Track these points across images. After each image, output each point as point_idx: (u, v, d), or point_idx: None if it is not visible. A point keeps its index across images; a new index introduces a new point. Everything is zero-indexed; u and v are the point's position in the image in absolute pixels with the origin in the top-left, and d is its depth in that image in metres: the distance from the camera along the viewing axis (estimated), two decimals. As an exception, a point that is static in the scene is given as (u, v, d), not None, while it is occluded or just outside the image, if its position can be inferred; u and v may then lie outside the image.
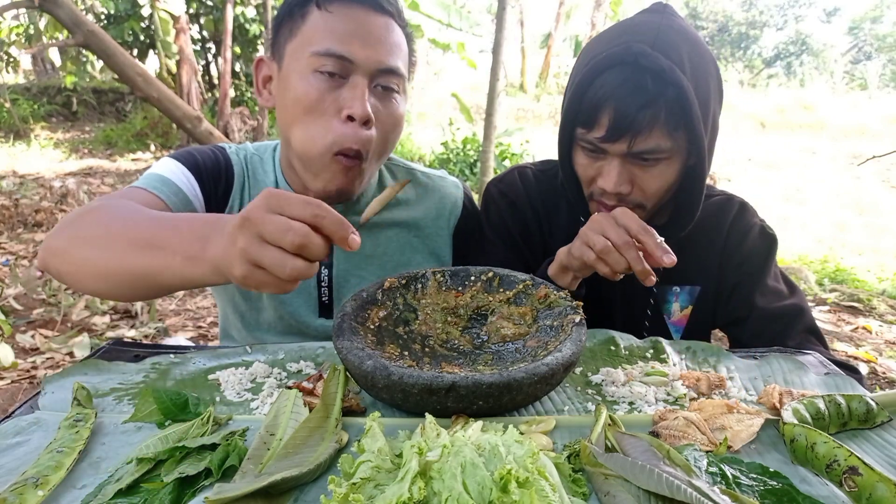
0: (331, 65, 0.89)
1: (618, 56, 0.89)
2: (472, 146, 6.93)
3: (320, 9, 0.91)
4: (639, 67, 0.88)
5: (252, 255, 0.59)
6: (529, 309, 0.84)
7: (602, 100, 0.90)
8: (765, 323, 1.02)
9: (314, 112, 0.91)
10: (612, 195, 0.95)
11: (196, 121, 6.07)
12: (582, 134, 0.95)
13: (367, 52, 0.90)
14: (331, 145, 0.91)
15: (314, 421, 0.63)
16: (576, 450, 0.59)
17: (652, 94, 0.87)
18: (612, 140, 0.91)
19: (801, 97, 12.12)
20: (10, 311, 3.06)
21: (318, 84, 0.90)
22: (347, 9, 0.91)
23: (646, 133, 0.89)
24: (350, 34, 0.90)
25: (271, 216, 0.59)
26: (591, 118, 0.92)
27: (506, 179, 1.17)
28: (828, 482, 0.55)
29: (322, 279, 1.08)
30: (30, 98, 9.80)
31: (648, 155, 0.91)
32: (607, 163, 0.94)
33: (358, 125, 0.90)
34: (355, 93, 0.89)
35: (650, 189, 0.95)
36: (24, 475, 0.55)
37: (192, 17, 8.93)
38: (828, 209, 6.22)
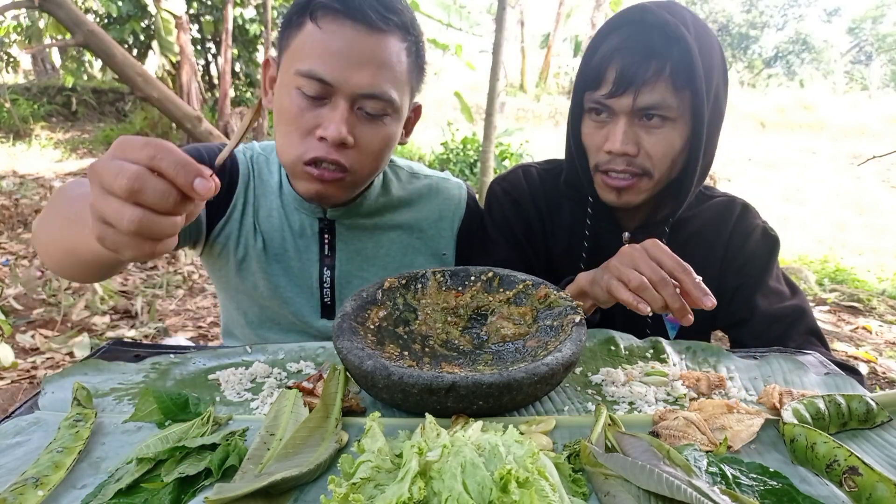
0: (312, 87, 0.87)
1: (623, 17, 0.94)
2: (472, 146, 6.93)
3: (313, 22, 0.88)
4: (644, 24, 0.91)
5: (97, 209, 0.53)
6: (529, 309, 0.84)
7: (608, 56, 0.92)
8: (766, 324, 1.02)
9: (292, 125, 0.91)
10: (619, 158, 0.95)
11: (196, 121, 6.07)
12: (589, 97, 0.97)
13: (349, 76, 0.87)
14: (301, 156, 0.91)
15: (314, 421, 0.63)
16: (576, 450, 0.59)
17: (657, 48, 0.90)
18: (619, 93, 0.92)
19: (801, 97, 12.12)
20: (10, 311, 3.06)
21: (299, 101, 0.89)
22: (339, 27, 0.87)
23: (650, 85, 0.90)
24: (335, 55, 0.86)
25: (111, 163, 0.53)
26: (598, 77, 0.94)
27: (509, 178, 1.17)
28: (828, 482, 0.55)
29: (324, 280, 1.08)
30: (30, 98, 9.80)
31: (654, 112, 0.92)
32: (614, 124, 0.95)
33: (330, 146, 0.89)
34: (333, 115, 0.88)
35: (656, 153, 0.95)
36: (24, 475, 0.55)
37: (192, 17, 8.92)
38: (828, 209, 6.23)
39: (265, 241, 1.06)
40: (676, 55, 0.90)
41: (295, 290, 1.09)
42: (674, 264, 0.76)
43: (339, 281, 1.09)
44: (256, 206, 1.07)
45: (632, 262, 0.79)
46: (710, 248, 1.09)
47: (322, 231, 1.07)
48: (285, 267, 1.08)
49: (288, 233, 1.07)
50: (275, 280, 1.08)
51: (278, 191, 1.07)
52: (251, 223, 1.06)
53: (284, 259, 1.07)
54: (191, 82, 7.69)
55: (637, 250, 0.80)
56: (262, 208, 1.07)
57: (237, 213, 1.06)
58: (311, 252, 1.08)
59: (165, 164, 0.52)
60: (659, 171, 0.97)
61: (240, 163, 1.07)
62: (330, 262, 1.08)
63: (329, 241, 1.08)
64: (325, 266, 1.08)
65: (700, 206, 1.10)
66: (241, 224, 1.06)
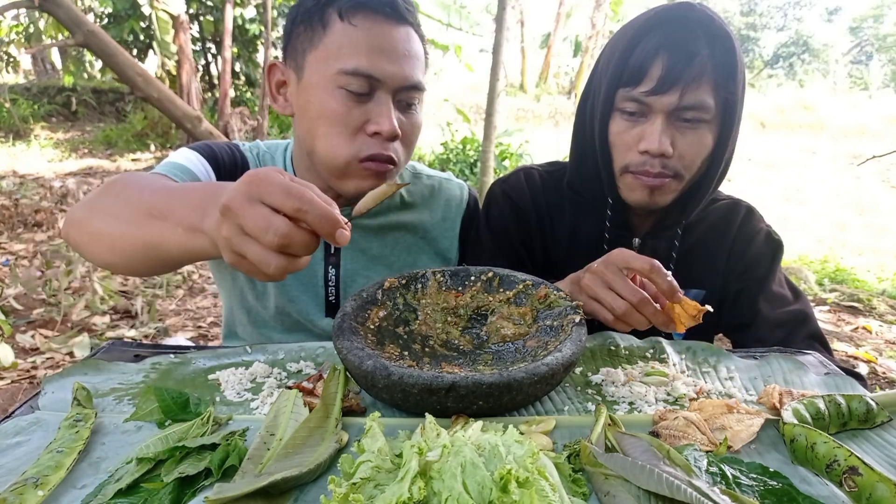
0: (357, 84, 0.88)
1: (665, 12, 0.91)
2: (472, 146, 6.93)
3: (343, 21, 0.88)
4: (689, 21, 0.90)
5: (235, 247, 0.57)
6: (529, 309, 0.84)
7: (652, 52, 0.90)
8: (769, 329, 1.02)
9: (339, 126, 0.91)
10: (655, 160, 0.93)
11: (196, 121, 6.07)
12: (625, 94, 0.94)
13: (392, 70, 0.89)
14: (355, 154, 0.92)
15: (314, 421, 0.63)
16: (576, 450, 0.59)
17: (703, 45, 0.89)
18: (664, 90, 0.90)
19: (801, 97, 12.12)
20: (10, 311, 3.06)
21: (344, 100, 0.89)
22: (372, 22, 0.89)
23: (695, 84, 0.89)
24: (376, 50, 0.88)
25: (252, 208, 0.55)
26: (640, 73, 0.91)
27: (510, 180, 1.17)
28: (828, 482, 0.55)
29: (329, 278, 1.09)
30: (30, 98, 9.80)
31: (692, 113, 0.91)
32: (650, 123, 0.93)
33: (383, 139, 0.91)
34: (382, 110, 0.90)
35: (689, 154, 0.93)
36: (24, 475, 0.55)
37: (192, 17, 8.93)
38: (828, 209, 6.23)
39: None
40: (720, 55, 0.89)
41: (300, 289, 1.09)
42: (642, 264, 0.77)
43: (345, 280, 1.09)
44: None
45: (606, 282, 0.80)
46: (715, 251, 1.08)
47: None
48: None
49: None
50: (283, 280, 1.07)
51: None
52: None
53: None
54: (191, 82, 7.69)
55: (608, 267, 0.80)
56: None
57: None
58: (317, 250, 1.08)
59: (311, 218, 0.55)
60: (689, 174, 0.96)
61: (249, 161, 1.07)
62: (335, 260, 1.08)
63: None
64: (331, 264, 1.08)
65: (706, 210, 1.10)
66: None
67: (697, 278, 1.07)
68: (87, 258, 0.81)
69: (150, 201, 0.71)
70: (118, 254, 0.74)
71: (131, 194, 0.76)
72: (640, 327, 0.79)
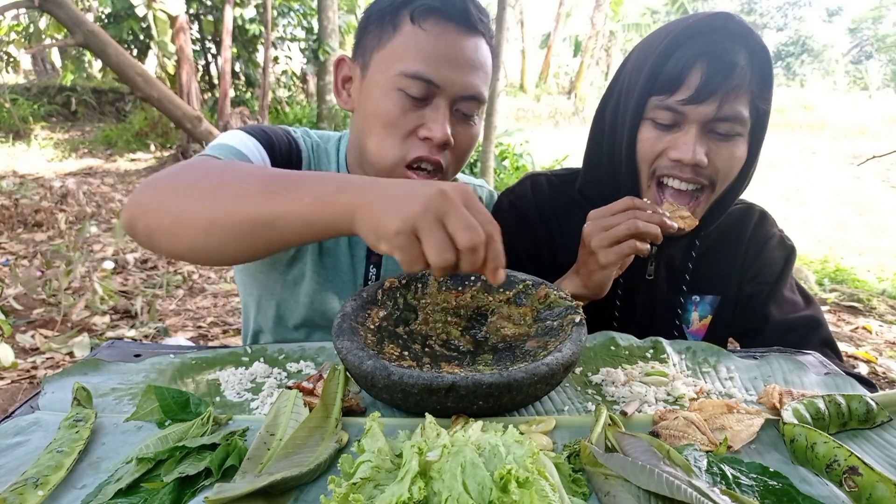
0: (417, 88, 0.88)
1: (703, 22, 0.90)
2: (472, 146, 6.92)
3: (414, 24, 0.88)
4: (728, 33, 0.89)
5: (422, 223, 0.60)
6: (529, 309, 0.84)
7: (691, 61, 0.88)
8: (779, 334, 1.01)
9: (392, 127, 0.90)
10: (687, 167, 0.91)
11: (196, 121, 6.07)
12: (658, 102, 0.92)
13: (454, 78, 0.89)
14: (403, 157, 0.91)
15: (314, 421, 0.63)
16: (576, 450, 0.59)
17: (743, 57, 0.88)
18: (701, 100, 0.88)
19: (801, 97, 12.12)
20: (10, 311, 3.06)
21: (401, 102, 0.89)
22: (442, 28, 0.88)
23: (733, 95, 0.88)
24: (441, 57, 0.88)
25: (465, 210, 0.61)
26: (676, 81, 0.89)
27: (517, 190, 1.15)
28: (828, 482, 0.55)
29: (370, 277, 1.09)
30: (30, 98, 9.80)
31: (726, 123, 0.89)
32: (683, 132, 0.91)
33: (433, 146, 0.91)
34: (436, 115, 0.89)
35: (723, 165, 0.92)
36: (24, 475, 0.55)
37: (192, 17, 8.93)
38: (828, 209, 6.23)
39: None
40: (758, 68, 0.89)
41: (341, 286, 1.08)
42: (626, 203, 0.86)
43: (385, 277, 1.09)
44: None
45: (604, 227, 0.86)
46: (730, 256, 1.07)
47: None
48: (335, 262, 1.07)
49: None
50: (324, 275, 1.07)
51: None
52: None
53: (336, 254, 1.07)
54: (191, 82, 7.69)
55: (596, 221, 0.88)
56: None
57: None
58: (360, 248, 1.08)
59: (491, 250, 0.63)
60: (722, 184, 0.94)
61: (302, 148, 1.04)
62: (377, 259, 1.09)
63: None
64: (372, 263, 1.08)
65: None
66: None
67: (713, 284, 1.07)
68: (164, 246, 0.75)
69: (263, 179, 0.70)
70: (217, 235, 0.70)
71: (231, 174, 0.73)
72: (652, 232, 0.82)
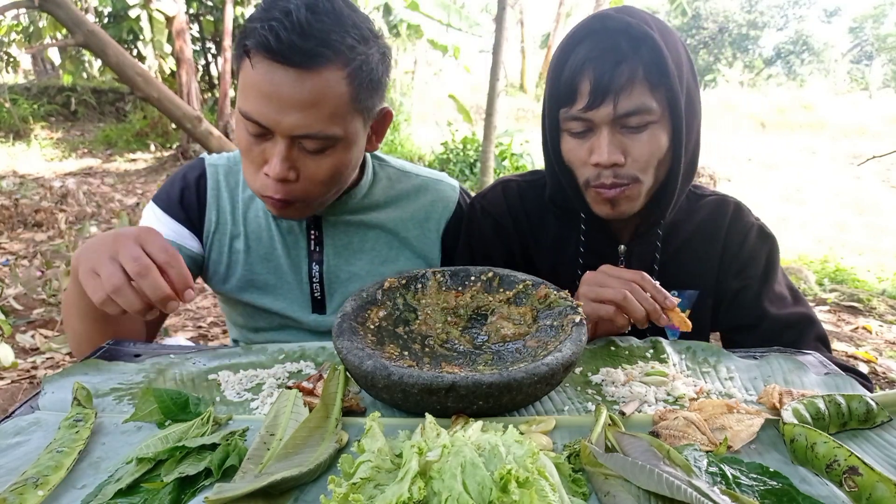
0: (252, 127, 0.88)
1: (585, 28, 0.92)
2: (472, 146, 6.93)
3: (249, 60, 0.85)
4: (607, 31, 0.90)
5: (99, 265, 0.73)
6: (529, 309, 0.84)
7: (578, 70, 0.90)
8: (777, 331, 1.00)
9: (246, 157, 0.93)
10: (608, 171, 0.93)
11: (196, 121, 6.07)
12: (565, 114, 0.94)
13: (280, 119, 0.85)
14: (256, 190, 0.94)
15: (314, 421, 0.63)
16: (576, 450, 0.59)
17: (626, 51, 0.89)
18: (597, 105, 0.89)
19: (801, 97, 12.12)
20: (10, 311, 3.06)
21: (247, 137, 0.90)
22: (268, 67, 0.84)
23: (627, 90, 0.88)
24: (267, 99, 0.85)
25: (134, 246, 0.73)
26: (572, 92, 0.91)
27: (489, 196, 1.15)
28: (828, 482, 0.55)
29: (313, 275, 1.10)
30: (30, 98, 9.80)
31: (635, 117, 0.90)
32: (596, 136, 0.92)
33: (275, 182, 0.90)
34: (274, 152, 0.89)
35: (642, 156, 0.93)
36: (24, 475, 0.55)
37: (192, 17, 8.93)
38: (828, 209, 6.23)
39: (250, 243, 1.10)
40: (646, 55, 0.89)
41: (285, 288, 1.11)
42: (633, 275, 0.85)
43: (328, 275, 1.10)
44: (238, 213, 1.10)
45: (600, 283, 0.86)
46: (706, 251, 1.07)
47: (309, 227, 1.09)
48: (275, 265, 1.10)
49: (276, 231, 1.09)
50: (264, 279, 1.10)
51: None
52: (228, 231, 1.09)
53: (273, 258, 1.10)
54: (190, 82, 7.68)
55: (598, 274, 0.88)
56: (251, 210, 1.10)
57: (212, 228, 1.09)
58: (299, 248, 1.10)
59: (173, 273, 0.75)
60: (648, 176, 0.95)
61: (209, 175, 1.10)
62: (318, 256, 1.10)
63: (316, 236, 1.10)
64: (314, 261, 1.10)
65: (691, 208, 1.09)
66: (219, 237, 1.10)
67: (689, 279, 1.07)
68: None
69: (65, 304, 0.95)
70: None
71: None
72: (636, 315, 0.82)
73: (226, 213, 1.09)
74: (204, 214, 1.08)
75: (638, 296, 0.82)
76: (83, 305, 0.88)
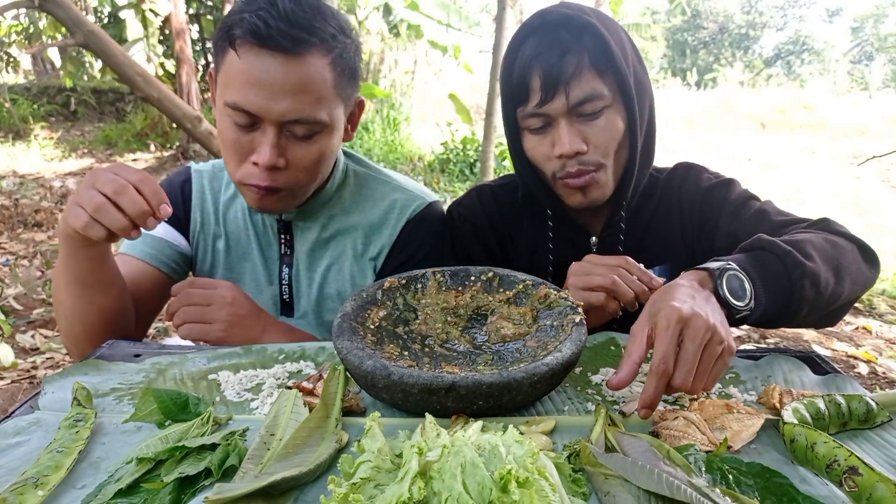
0: (240, 118, 0.90)
1: (527, 26, 0.94)
2: (472, 146, 6.93)
3: (235, 50, 0.88)
4: (548, 26, 0.92)
5: (80, 197, 0.77)
6: (529, 309, 0.84)
7: (527, 67, 0.92)
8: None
9: (230, 150, 0.94)
10: (572, 160, 0.94)
11: (196, 121, 6.07)
12: (522, 113, 0.96)
13: (270, 106, 0.88)
14: (240, 180, 0.96)
15: (314, 421, 0.63)
16: (576, 450, 0.59)
17: (569, 42, 0.90)
18: (550, 98, 0.91)
19: (801, 97, 12.11)
20: (10, 311, 3.06)
21: (233, 128, 0.92)
22: (255, 55, 0.86)
23: (576, 79, 0.90)
24: (256, 87, 0.87)
25: (109, 173, 0.78)
26: (524, 89, 0.93)
27: (464, 202, 1.16)
28: (828, 482, 0.55)
29: (283, 277, 1.12)
30: (30, 98, 9.79)
31: (588, 104, 0.91)
32: (555, 129, 0.94)
33: (263, 170, 0.92)
34: (263, 141, 0.91)
35: (603, 142, 0.94)
36: (24, 475, 0.55)
37: (192, 17, 8.92)
38: (828, 209, 6.22)
39: (230, 243, 1.12)
40: (589, 42, 0.91)
41: (259, 288, 1.13)
42: (618, 261, 0.86)
43: (295, 278, 1.12)
44: (220, 214, 1.12)
45: (587, 272, 0.87)
46: (668, 219, 1.07)
47: (280, 230, 1.11)
48: (252, 266, 1.12)
49: (252, 232, 1.11)
50: (240, 279, 1.12)
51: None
52: (212, 231, 1.12)
53: (250, 258, 1.12)
54: (190, 82, 7.68)
55: (584, 263, 0.89)
56: (230, 211, 1.13)
57: (197, 227, 1.13)
58: (272, 250, 1.12)
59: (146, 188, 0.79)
60: (610, 160, 0.96)
61: (194, 180, 1.14)
62: (289, 259, 1.12)
63: (287, 239, 1.11)
64: (285, 264, 1.12)
65: (653, 187, 1.09)
66: (204, 237, 1.13)
67: (660, 254, 1.07)
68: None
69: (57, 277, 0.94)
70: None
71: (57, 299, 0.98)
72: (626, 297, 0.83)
73: (209, 213, 1.12)
74: (190, 215, 1.12)
75: (625, 279, 0.84)
76: (72, 271, 0.90)
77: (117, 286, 0.95)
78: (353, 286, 1.11)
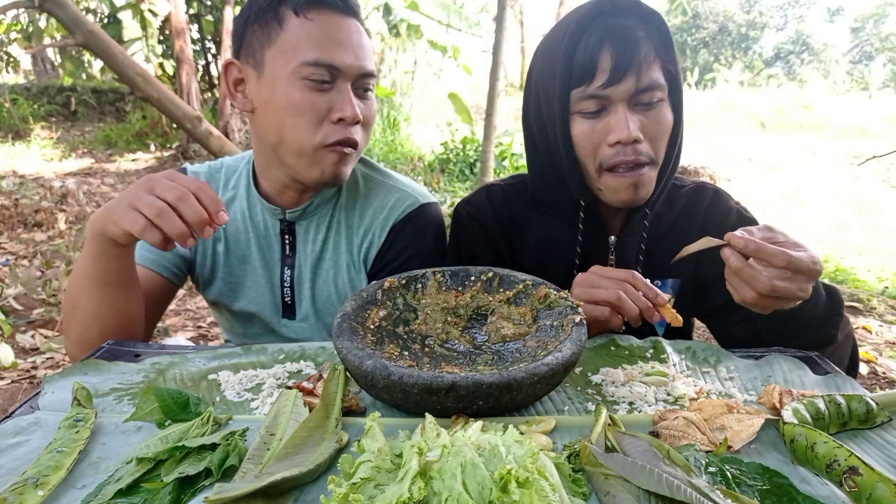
0: (320, 74, 0.93)
1: (594, 8, 0.93)
2: (472, 146, 6.93)
3: (298, 16, 0.93)
4: (619, 9, 0.92)
5: (138, 202, 0.79)
6: (529, 309, 0.84)
7: (597, 48, 0.91)
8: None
9: (305, 114, 0.95)
10: (627, 148, 0.92)
11: (196, 121, 6.07)
12: (580, 93, 0.93)
13: (350, 59, 0.95)
14: (322, 141, 0.96)
15: (314, 421, 0.63)
16: (576, 450, 0.59)
17: (640, 28, 0.91)
18: (619, 79, 0.90)
19: (801, 97, 12.10)
20: (10, 311, 3.06)
21: (308, 90, 0.94)
22: (325, 16, 0.95)
23: (646, 65, 0.91)
24: (333, 42, 0.94)
25: (166, 180, 0.80)
26: (591, 69, 0.91)
27: (473, 201, 1.15)
28: (828, 482, 0.55)
29: (284, 279, 1.11)
30: (30, 98, 9.78)
31: (648, 93, 0.91)
32: (613, 114, 0.92)
33: (347, 125, 0.96)
34: (343, 97, 0.96)
35: (656, 135, 0.94)
36: (24, 475, 0.55)
37: (192, 18, 8.92)
38: (828, 209, 6.22)
39: (229, 246, 1.11)
40: (657, 33, 0.92)
41: (259, 291, 1.12)
42: (625, 275, 0.86)
43: (297, 280, 1.11)
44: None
45: (593, 284, 0.87)
46: (685, 237, 1.05)
47: (283, 232, 1.10)
48: (251, 268, 1.12)
49: (252, 234, 1.11)
50: (241, 281, 1.12)
51: (246, 193, 1.12)
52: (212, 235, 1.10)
53: (250, 260, 1.12)
54: (190, 82, 7.68)
55: (590, 275, 0.89)
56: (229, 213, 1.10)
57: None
58: (273, 252, 1.12)
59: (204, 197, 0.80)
60: (660, 156, 0.95)
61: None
62: (290, 261, 1.11)
63: (290, 241, 1.11)
64: (286, 266, 1.11)
65: (672, 198, 1.08)
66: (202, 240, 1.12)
67: (671, 267, 1.06)
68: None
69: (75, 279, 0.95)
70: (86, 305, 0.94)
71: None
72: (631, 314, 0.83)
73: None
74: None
75: (631, 295, 0.83)
76: (98, 271, 0.90)
77: (136, 287, 0.96)
78: (352, 289, 1.11)
